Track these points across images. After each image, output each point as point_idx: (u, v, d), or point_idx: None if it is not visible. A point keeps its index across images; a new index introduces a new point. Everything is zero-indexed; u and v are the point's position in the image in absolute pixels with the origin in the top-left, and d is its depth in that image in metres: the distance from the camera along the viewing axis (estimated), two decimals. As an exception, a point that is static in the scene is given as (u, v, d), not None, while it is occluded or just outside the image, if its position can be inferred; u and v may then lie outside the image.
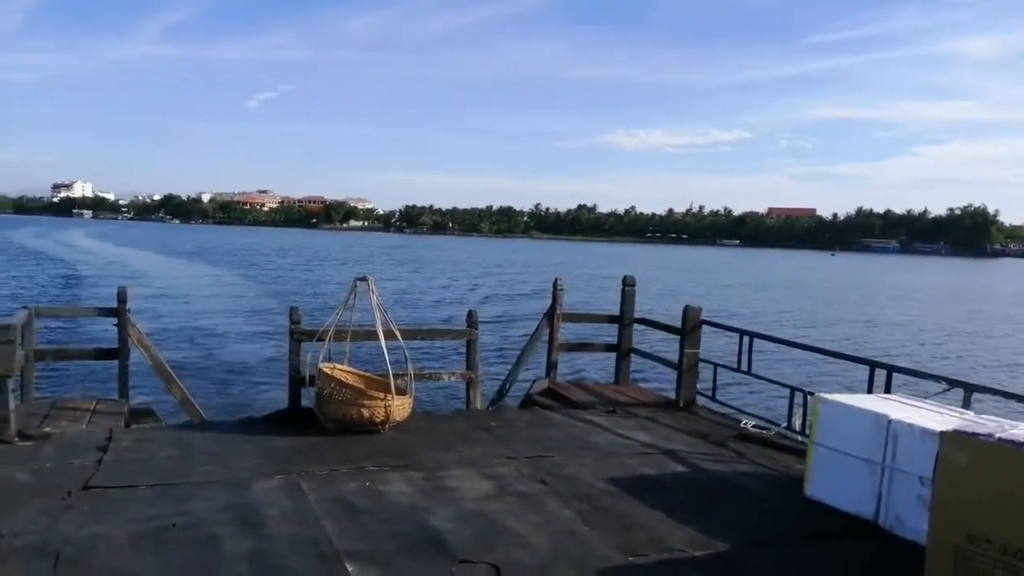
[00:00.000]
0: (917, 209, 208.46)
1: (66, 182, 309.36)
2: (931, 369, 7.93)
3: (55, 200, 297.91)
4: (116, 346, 8.40)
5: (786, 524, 5.43)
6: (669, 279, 57.94)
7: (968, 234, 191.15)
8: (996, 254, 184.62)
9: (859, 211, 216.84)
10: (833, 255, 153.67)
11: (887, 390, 6.56)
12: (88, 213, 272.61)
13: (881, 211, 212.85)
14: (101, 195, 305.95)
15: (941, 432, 4.39)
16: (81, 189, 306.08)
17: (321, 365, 7.48)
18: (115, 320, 8.39)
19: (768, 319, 31.94)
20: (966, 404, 5.96)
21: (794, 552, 4.96)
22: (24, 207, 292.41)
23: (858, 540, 5.18)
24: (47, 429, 6.94)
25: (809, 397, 6.95)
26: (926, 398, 6.13)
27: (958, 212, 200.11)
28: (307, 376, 7.77)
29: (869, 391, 6.65)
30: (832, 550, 5.03)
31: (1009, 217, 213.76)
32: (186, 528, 4.78)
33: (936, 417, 5.28)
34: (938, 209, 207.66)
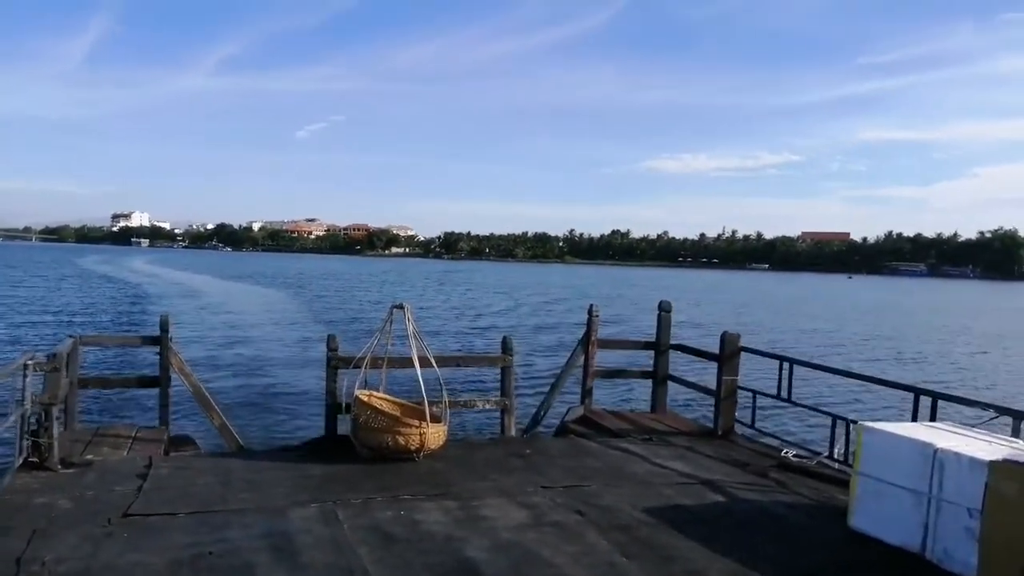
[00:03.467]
0: (967, 234, 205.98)
1: (125, 212, 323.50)
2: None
3: (114, 229, 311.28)
4: (158, 374, 8.53)
5: (829, 556, 5.29)
6: (647, 296, 59.12)
7: (997, 257, 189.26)
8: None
9: (888, 235, 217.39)
10: (850, 278, 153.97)
11: (932, 418, 6.39)
12: (145, 242, 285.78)
13: (921, 234, 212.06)
14: (158, 224, 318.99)
15: (990, 462, 4.28)
16: (139, 219, 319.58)
17: (357, 392, 7.52)
18: (157, 349, 8.53)
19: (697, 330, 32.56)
20: (1015, 432, 5.78)
21: None
22: (85, 236, 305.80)
23: (904, 573, 5.02)
24: (89, 457, 7.06)
25: (852, 425, 6.80)
26: (973, 426, 5.96)
27: (988, 235, 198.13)
28: (343, 403, 7.82)
29: (914, 419, 6.49)
30: None
31: None
32: (223, 556, 4.81)
33: (984, 446, 5.13)
34: (968, 233, 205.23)
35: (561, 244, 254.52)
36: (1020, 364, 28.80)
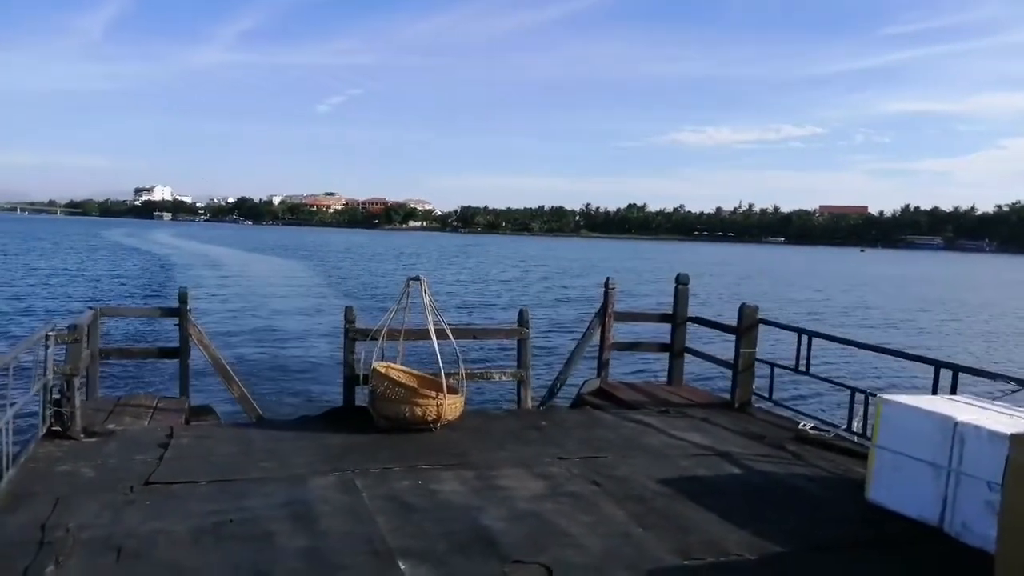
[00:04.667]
0: (987, 207, 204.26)
1: (147, 186, 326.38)
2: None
3: (137, 203, 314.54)
4: (177, 345, 8.61)
5: (846, 529, 5.28)
6: (644, 268, 62.36)
7: (1014, 230, 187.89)
8: None
9: (905, 208, 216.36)
10: (862, 251, 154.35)
11: (952, 391, 6.34)
12: (168, 215, 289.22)
13: (938, 207, 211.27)
14: (180, 198, 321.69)
15: (1011, 435, 4.23)
16: (161, 193, 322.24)
17: (375, 364, 7.56)
18: (176, 320, 8.61)
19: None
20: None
21: (855, 558, 4.82)
22: (109, 210, 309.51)
23: (923, 546, 5.01)
24: (111, 426, 7.16)
25: (871, 398, 6.76)
26: (994, 399, 5.90)
27: (1006, 208, 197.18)
28: (361, 375, 7.87)
29: (934, 392, 6.44)
30: (895, 556, 4.86)
31: None
32: (243, 524, 4.87)
33: (1005, 419, 5.08)
34: (986, 206, 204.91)
35: (577, 218, 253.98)
36: (977, 329, 31.10)
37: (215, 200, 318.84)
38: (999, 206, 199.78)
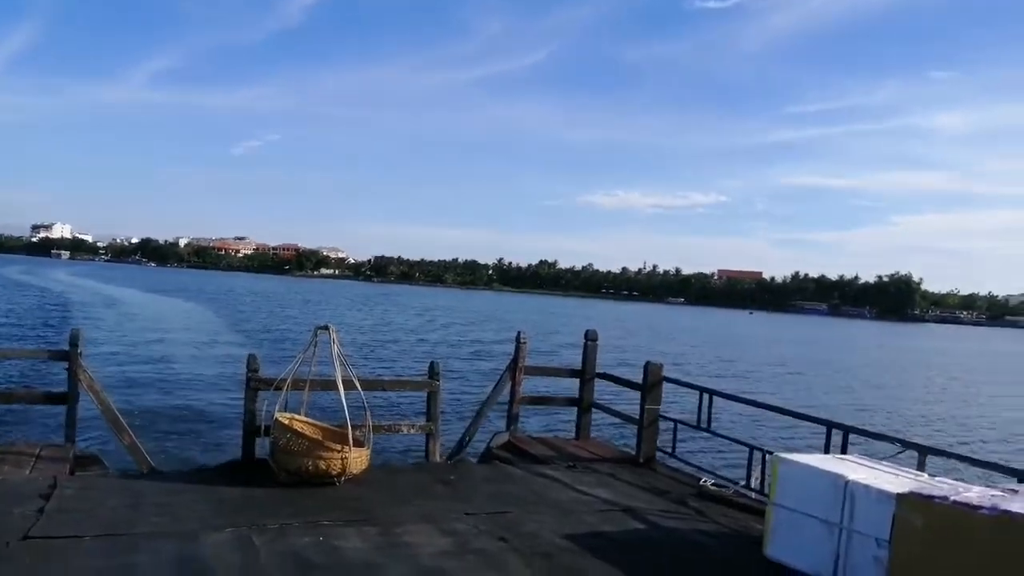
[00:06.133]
0: (870, 277, 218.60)
1: (46, 223, 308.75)
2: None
3: (34, 240, 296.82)
4: (66, 390, 8.15)
5: None
6: (553, 323, 64.88)
7: (893, 300, 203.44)
8: (915, 319, 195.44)
9: (795, 275, 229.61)
10: (751, 313, 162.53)
11: (843, 450, 6.62)
12: (66, 254, 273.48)
13: (825, 276, 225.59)
14: (80, 236, 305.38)
15: (897, 494, 4.44)
16: (60, 230, 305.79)
17: (278, 415, 7.33)
18: (66, 364, 8.16)
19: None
20: (920, 466, 6.04)
21: None
22: (2, 246, 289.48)
23: None
24: (-13, 476, 6.67)
25: (768, 456, 6.98)
26: (882, 459, 6.20)
27: (886, 279, 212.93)
28: (263, 426, 7.61)
29: (826, 451, 6.71)
30: None
31: (937, 286, 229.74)
32: None
33: (892, 479, 5.34)
34: (869, 276, 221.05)
35: (490, 271, 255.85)
36: (791, 382, 34.32)
37: (118, 240, 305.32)
38: (880, 276, 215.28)
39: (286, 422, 7.28)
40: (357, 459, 7.15)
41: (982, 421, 25.75)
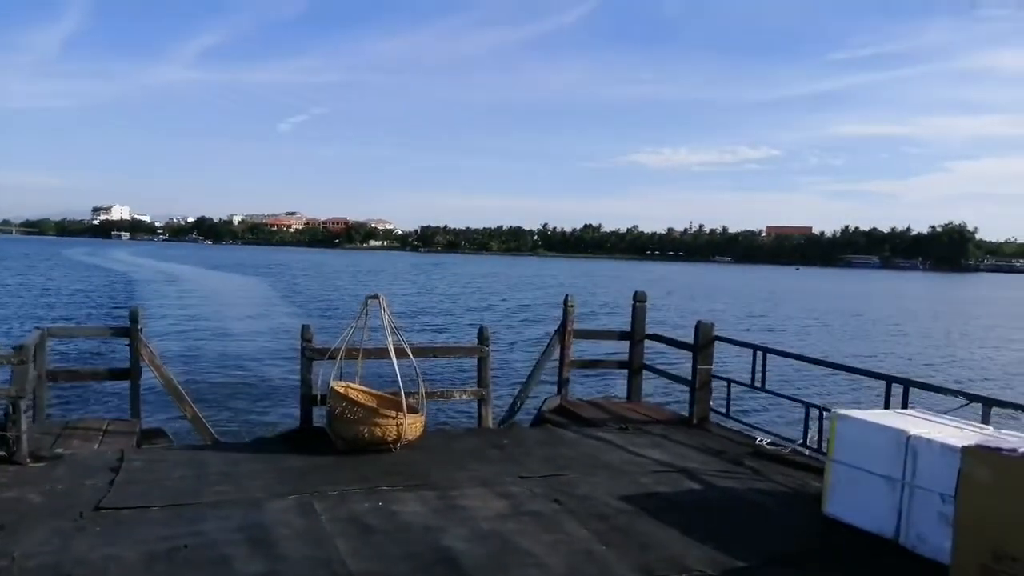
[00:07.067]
0: (924, 228, 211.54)
1: (105, 205, 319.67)
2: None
3: (95, 223, 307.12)
4: (128, 366, 8.40)
5: (804, 543, 5.34)
6: (588, 286, 64.55)
7: (946, 250, 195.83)
8: (969, 269, 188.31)
9: (845, 229, 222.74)
10: (797, 269, 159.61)
11: (904, 405, 6.48)
12: (126, 235, 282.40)
13: (876, 228, 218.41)
14: (138, 217, 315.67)
15: (962, 448, 4.33)
16: (119, 212, 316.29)
17: (333, 384, 7.46)
18: (127, 340, 8.41)
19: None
20: (985, 419, 5.87)
21: (813, 571, 4.88)
22: (66, 229, 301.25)
23: (879, 559, 5.09)
24: (59, 450, 6.94)
25: (825, 413, 6.87)
26: (944, 414, 6.04)
27: (939, 229, 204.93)
28: (319, 395, 7.76)
29: (886, 406, 6.57)
30: (852, 569, 4.94)
31: (994, 234, 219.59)
32: (198, 549, 4.75)
33: (956, 432, 5.20)
34: (922, 227, 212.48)
35: (535, 238, 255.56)
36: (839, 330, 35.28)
37: (174, 219, 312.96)
38: (933, 227, 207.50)
39: (341, 390, 7.41)
40: (412, 425, 7.25)
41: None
